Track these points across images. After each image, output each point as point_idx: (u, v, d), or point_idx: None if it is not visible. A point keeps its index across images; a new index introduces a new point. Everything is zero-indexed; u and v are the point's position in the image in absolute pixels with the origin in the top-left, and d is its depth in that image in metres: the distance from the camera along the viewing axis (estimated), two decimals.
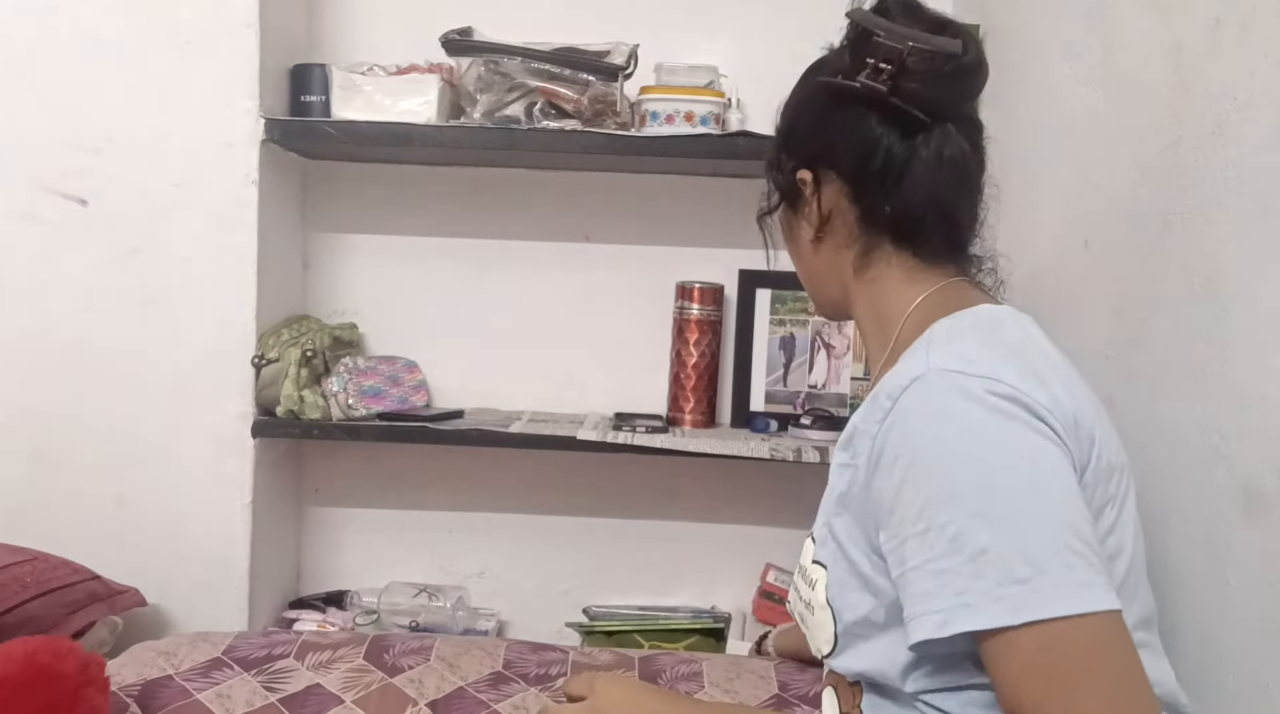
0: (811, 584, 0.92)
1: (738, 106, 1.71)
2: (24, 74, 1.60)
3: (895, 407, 0.81)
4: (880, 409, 0.82)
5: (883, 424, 0.82)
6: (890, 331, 0.95)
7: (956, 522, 0.75)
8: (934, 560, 0.76)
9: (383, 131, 1.61)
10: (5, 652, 1.08)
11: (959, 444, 0.77)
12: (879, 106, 0.93)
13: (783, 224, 1.06)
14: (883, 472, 0.81)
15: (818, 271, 1.03)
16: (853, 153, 0.95)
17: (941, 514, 0.76)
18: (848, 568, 0.87)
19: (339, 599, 1.82)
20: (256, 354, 1.63)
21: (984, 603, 0.73)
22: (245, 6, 1.58)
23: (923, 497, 0.77)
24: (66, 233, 1.61)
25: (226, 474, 1.63)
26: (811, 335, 1.82)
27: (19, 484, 1.63)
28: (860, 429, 0.86)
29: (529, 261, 1.84)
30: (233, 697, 1.25)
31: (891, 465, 0.80)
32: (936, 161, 0.93)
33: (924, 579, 0.76)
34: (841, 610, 0.88)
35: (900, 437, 0.80)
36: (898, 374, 0.83)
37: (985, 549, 0.73)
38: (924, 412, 0.80)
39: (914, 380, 0.81)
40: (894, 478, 0.80)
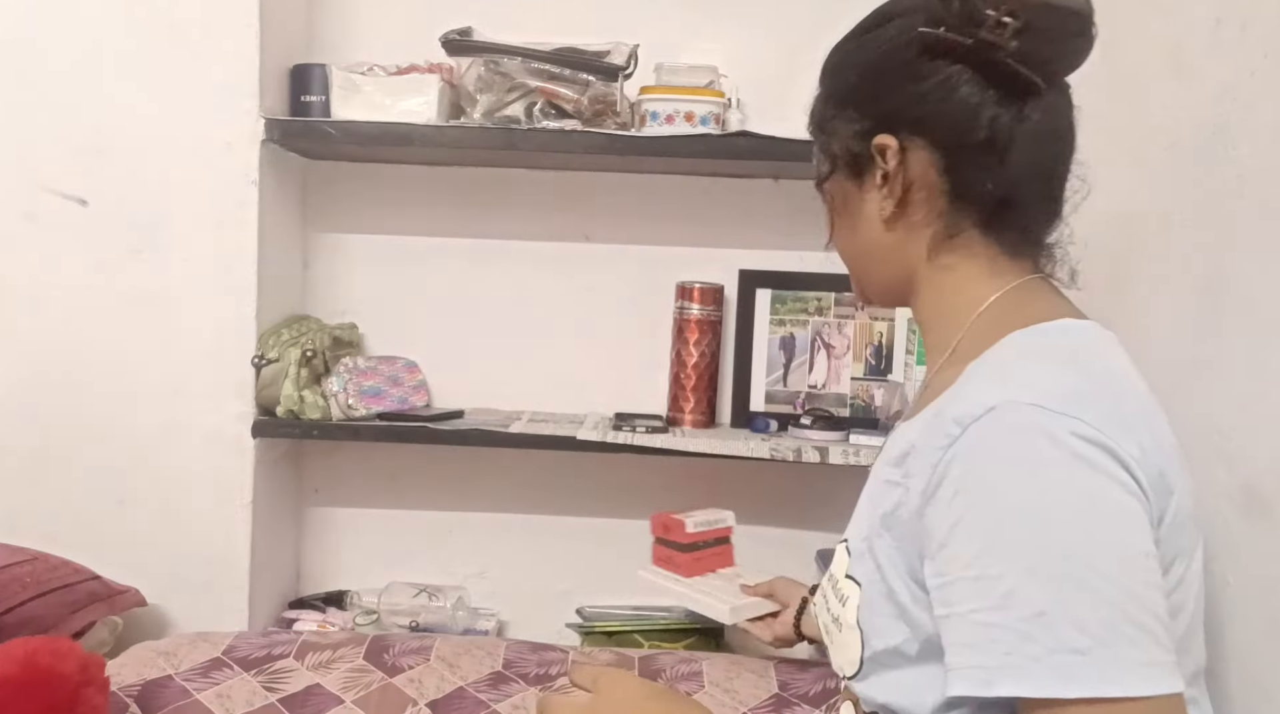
0: (842, 599, 0.86)
1: (738, 106, 1.71)
2: (24, 74, 1.60)
3: (964, 435, 0.73)
4: (946, 434, 0.74)
5: (946, 451, 0.73)
6: (955, 330, 0.87)
7: (1013, 576, 0.68)
8: (982, 612, 0.69)
9: (383, 131, 1.61)
10: (5, 652, 1.08)
11: (1029, 490, 0.69)
12: (990, 66, 0.81)
13: (833, 195, 0.93)
14: (939, 503, 0.74)
15: (880, 252, 0.90)
16: (952, 118, 0.83)
17: (997, 564, 0.69)
18: (884, 592, 0.80)
19: (339, 599, 1.82)
20: (256, 354, 1.63)
21: (1033, 668, 0.67)
22: (245, 6, 1.58)
23: (979, 541, 0.70)
24: (66, 233, 1.61)
25: (226, 474, 1.63)
26: (811, 335, 1.82)
27: (19, 484, 1.63)
28: (918, 448, 0.78)
29: (529, 261, 1.84)
30: (233, 697, 1.25)
31: (950, 499, 0.73)
32: (1045, 134, 0.83)
33: (969, 629, 0.70)
34: (871, 635, 0.82)
35: (964, 470, 0.72)
36: (969, 399, 0.74)
37: (1042, 612, 0.67)
38: (995, 448, 0.71)
39: (989, 410, 0.72)
40: (950, 513, 0.72)
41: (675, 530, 1.47)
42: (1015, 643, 0.67)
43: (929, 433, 0.77)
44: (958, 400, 0.76)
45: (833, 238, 0.96)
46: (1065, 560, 0.67)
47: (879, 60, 0.87)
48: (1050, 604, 0.67)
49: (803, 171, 1.77)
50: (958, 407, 0.75)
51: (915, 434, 0.81)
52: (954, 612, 0.72)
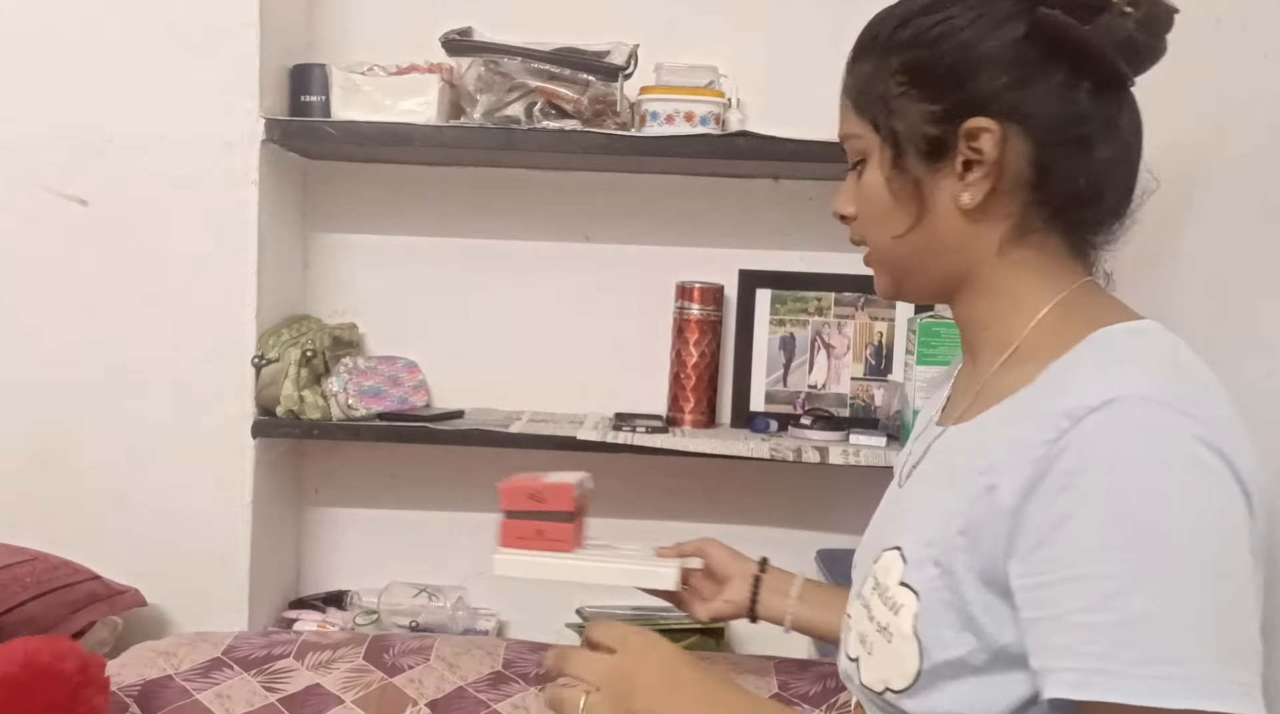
0: (894, 608, 0.79)
1: (738, 106, 1.71)
2: (24, 74, 1.60)
3: (1076, 428, 0.68)
4: (1053, 427, 0.69)
5: (1054, 445, 0.69)
6: (1017, 328, 0.82)
7: (1121, 578, 0.65)
8: (1082, 613, 0.66)
9: (383, 131, 1.61)
10: (5, 652, 1.08)
11: (1146, 491, 0.66)
12: (1097, 56, 0.77)
13: (885, 180, 0.85)
14: (1042, 497, 0.69)
15: (943, 243, 0.84)
16: (1051, 107, 0.78)
17: (1103, 564, 0.66)
18: (948, 601, 0.75)
19: (339, 599, 1.82)
20: (256, 354, 1.63)
21: (1129, 675, 0.64)
22: (245, 6, 1.58)
23: (1088, 539, 0.67)
24: (66, 233, 1.61)
25: (226, 474, 1.63)
26: (811, 335, 1.82)
27: (19, 484, 1.63)
28: (1009, 445, 0.73)
29: (529, 261, 1.84)
30: (232, 697, 1.25)
31: (1056, 494, 0.68)
32: (1131, 131, 0.81)
33: (1064, 631, 0.67)
34: (931, 646, 0.76)
35: (1077, 465, 0.68)
36: (1080, 392, 0.70)
37: (1146, 615, 0.64)
38: (1115, 443, 0.67)
39: (1107, 402, 0.68)
40: (1055, 509, 0.68)
41: (557, 497, 1.17)
42: (1111, 646, 0.65)
43: (1024, 428, 0.72)
44: (1065, 394, 0.70)
45: (871, 227, 0.88)
46: (1176, 568, 0.65)
47: (976, 38, 0.79)
48: (1155, 611, 0.64)
49: (803, 171, 1.79)
50: (1066, 400, 0.70)
51: (986, 435, 0.78)
52: (1049, 614, 0.68)
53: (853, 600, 0.90)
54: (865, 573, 0.87)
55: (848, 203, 0.90)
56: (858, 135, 0.87)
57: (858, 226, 0.90)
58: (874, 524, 0.96)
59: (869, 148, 0.86)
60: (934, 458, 0.86)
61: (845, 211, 0.91)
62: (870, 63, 0.85)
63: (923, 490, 0.85)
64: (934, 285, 0.88)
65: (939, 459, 0.85)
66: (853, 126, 0.87)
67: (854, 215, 0.89)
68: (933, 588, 0.76)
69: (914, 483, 0.88)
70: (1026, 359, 0.80)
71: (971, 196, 0.80)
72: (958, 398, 0.91)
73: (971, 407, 0.85)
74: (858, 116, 0.86)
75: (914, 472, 0.89)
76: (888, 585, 0.80)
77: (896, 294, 0.91)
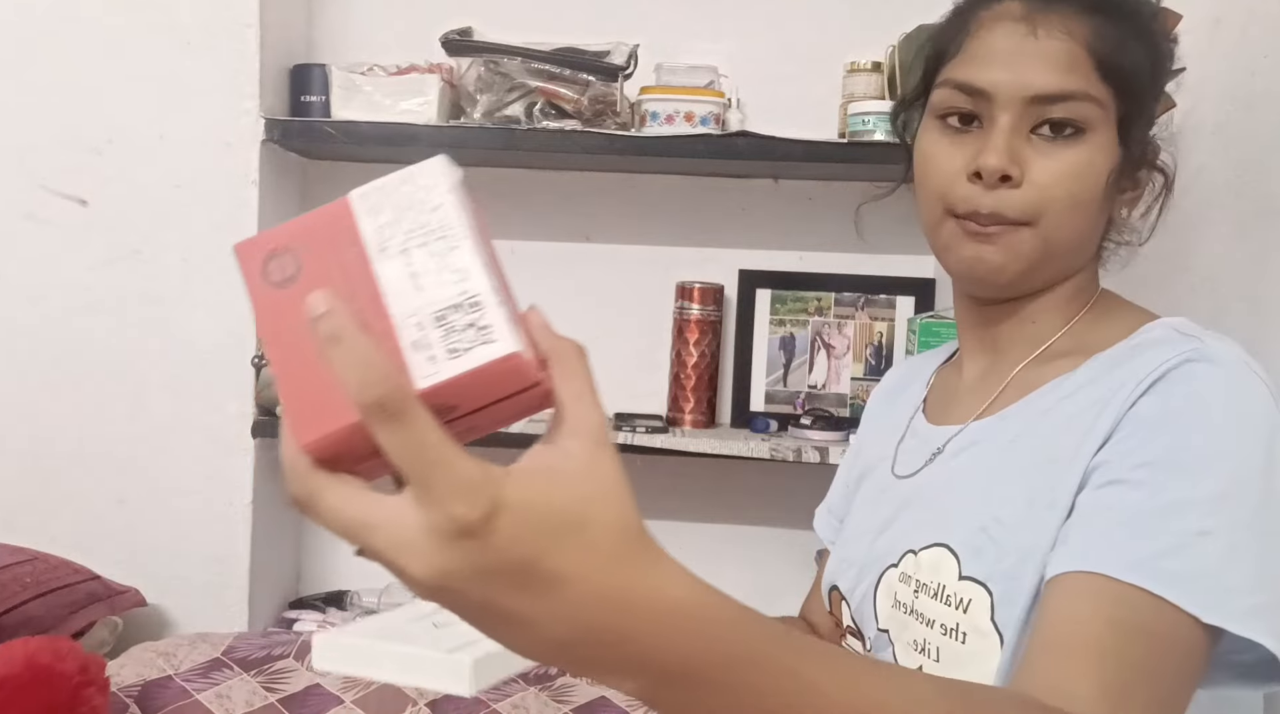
0: (961, 605, 0.73)
1: (738, 106, 1.71)
2: (24, 74, 1.60)
3: (1176, 371, 0.68)
4: (1137, 381, 0.69)
5: (1143, 385, 0.68)
6: (1055, 329, 0.82)
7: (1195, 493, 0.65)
8: (1145, 514, 0.65)
9: (383, 132, 1.61)
10: (6, 652, 1.08)
11: (1242, 424, 0.66)
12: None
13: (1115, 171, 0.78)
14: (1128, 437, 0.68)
15: (1087, 242, 0.81)
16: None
17: (1184, 480, 0.66)
18: (1031, 586, 0.70)
19: (339, 599, 1.82)
20: (256, 354, 1.63)
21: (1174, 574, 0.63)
22: (245, 6, 1.58)
23: (1175, 455, 0.66)
24: (66, 233, 1.61)
25: (226, 474, 1.63)
26: (811, 335, 1.82)
27: (19, 484, 1.63)
28: (1091, 402, 0.71)
29: (529, 261, 1.84)
30: (232, 697, 1.25)
31: (1152, 428, 0.67)
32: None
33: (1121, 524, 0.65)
34: (1015, 634, 0.70)
35: (1171, 401, 0.67)
36: (1160, 354, 0.70)
37: (1209, 534, 0.64)
38: (1218, 386, 0.68)
39: (1195, 350, 0.69)
40: (1146, 436, 0.67)
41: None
42: (1170, 549, 0.63)
43: (1099, 391, 0.71)
44: (1143, 359, 0.70)
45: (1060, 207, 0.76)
46: (1252, 505, 0.65)
47: (1163, 45, 0.80)
48: (1221, 535, 0.64)
49: (803, 171, 1.79)
50: (1150, 356, 0.70)
51: (1037, 416, 0.76)
52: (1110, 505, 0.66)
53: (880, 610, 0.83)
54: (884, 578, 0.82)
55: (1015, 163, 0.75)
56: (1094, 100, 0.74)
57: (1034, 197, 0.76)
58: (870, 527, 0.89)
59: (1097, 121, 0.75)
60: (961, 453, 0.82)
61: (1014, 173, 0.75)
62: (1144, 23, 0.76)
63: (960, 483, 0.80)
64: (1048, 281, 0.81)
65: (972, 452, 0.81)
66: (1088, 86, 0.74)
67: (1020, 180, 0.76)
68: (1006, 573, 0.71)
69: (937, 478, 0.83)
70: (1059, 356, 0.79)
71: (1129, 211, 0.80)
72: (962, 396, 0.87)
73: (996, 402, 0.82)
74: (1100, 79, 0.74)
75: (925, 470, 0.85)
76: (944, 584, 0.75)
77: (1017, 280, 0.79)
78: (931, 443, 0.86)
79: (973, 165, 0.76)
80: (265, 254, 0.45)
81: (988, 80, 0.75)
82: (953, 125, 0.78)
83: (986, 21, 0.76)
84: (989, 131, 0.75)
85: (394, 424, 0.39)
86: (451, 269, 0.45)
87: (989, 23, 0.76)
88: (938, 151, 0.79)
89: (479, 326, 0.44)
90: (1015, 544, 0.71)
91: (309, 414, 0.43)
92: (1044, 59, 0.73)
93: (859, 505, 0.95)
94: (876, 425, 0.99)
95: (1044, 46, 0.73)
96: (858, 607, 0.87)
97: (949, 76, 0.78)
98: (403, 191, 0.47)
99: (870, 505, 0.92)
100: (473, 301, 0.44)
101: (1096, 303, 0.82)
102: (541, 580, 0.41)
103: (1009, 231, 0.76)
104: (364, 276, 0.44)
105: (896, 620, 0.80)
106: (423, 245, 0.45)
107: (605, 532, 0.43)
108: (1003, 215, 0.75)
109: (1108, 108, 0.74)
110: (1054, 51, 0.73)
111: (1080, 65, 0.73)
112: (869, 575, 0.85)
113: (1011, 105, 0.75)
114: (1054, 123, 0.74)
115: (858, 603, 0.87)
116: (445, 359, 0.43)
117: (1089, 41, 0.73)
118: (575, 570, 0.41)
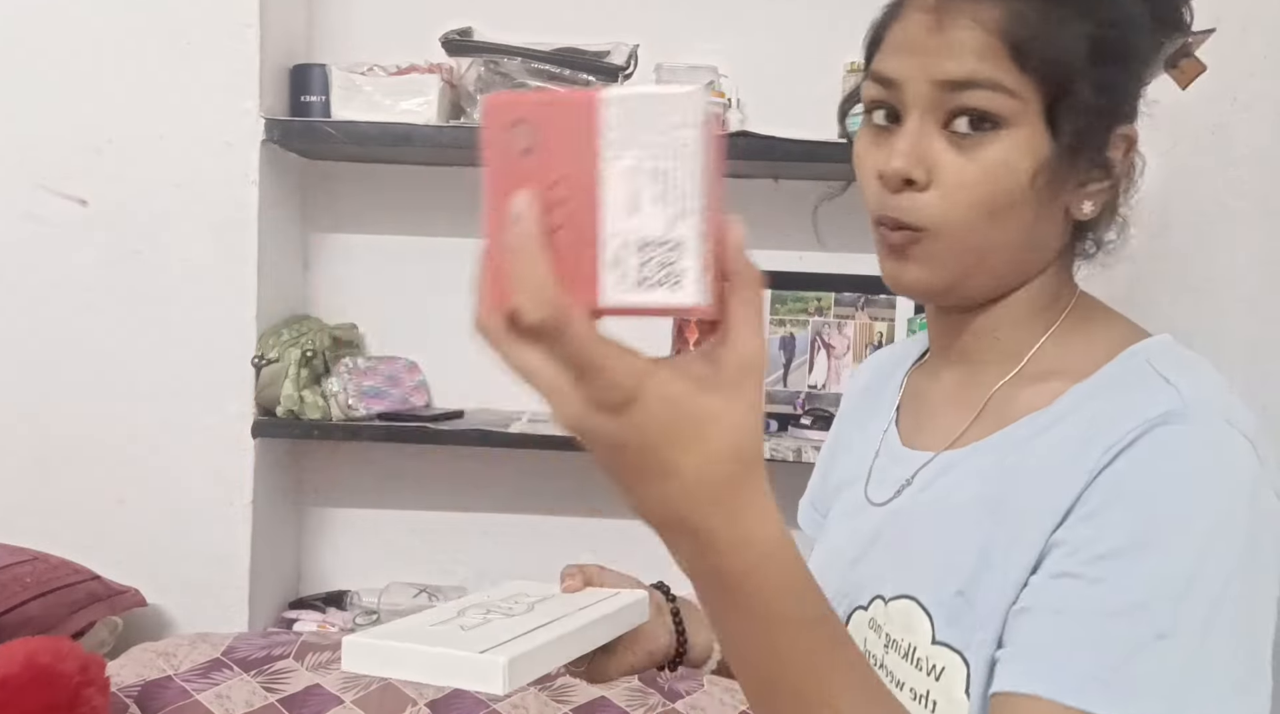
0: (933, 673, 0.68)
1: (738, 106, 1.71)
2: (24, 74, 1.60)
3: (1145, 438, 0.62)
4: (1103, 449, 0.63)
5: (1111, 451, 0.62)
6: (1030, 342, 0.75)
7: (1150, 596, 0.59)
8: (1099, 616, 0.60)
9: (383, 131, 1.61)
10: (6, 652, 1.08)
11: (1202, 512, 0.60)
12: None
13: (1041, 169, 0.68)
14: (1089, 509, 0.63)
15: (1031, 246, 0.72)
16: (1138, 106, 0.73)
17: (1137, 581, 0.59)
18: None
19: (339, 599, 1.82)
20: (256, 354, 1.63)
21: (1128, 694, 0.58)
22: (245, 6, 1.58)
23: (1130, 550, 0.60)
24: (66, 233, 1.61)
25: (226, 474, 1.63)
26: (811, 335, 1.82)
27: (19, 484, 1.63)
28: (1048, 468, 0.66)
29: None
30: (232, 697, 1.25)
31: (1108, 505, 0.62)
32: None
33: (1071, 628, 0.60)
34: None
35: (1131, 481, 0.62)
36: (1131, 411, 0.63)
37: (1166, 637, 0.58)
38: (1179, 456, 0.62)
39: (1169, 413, 0.62)
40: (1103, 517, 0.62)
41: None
42: (1122, 660, 0.58)
43: (1061, 454, 0.65)
44: (1113, 417, 0.64)
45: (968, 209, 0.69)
46: (1209, 605, 0.59)
47: (1144, 19, 0.71)
48: (1176, 638, 0.58)
49: (803, 171, 1.79)
50: (1120, 421, 0.63)
51: (1007, 459, 0.70)
52: (1065, 606, 0.61)
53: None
54: (853, 619, 0.78)
55: (919, 165, 0.69)
56: (1007, 91, 0.67)
57: (940, 201, 0.69)
58: (844, 555, 0.83)
59: (1016, 114, 0.67)
60: (930, 486, 0.76)
61: (917, 175, 0.69)
62: (1057, 9, 0.67)
63: (926, 527, 0.74)
64: (990, 291, 0.74)
65: (940, 487, 0.75)
66: (1000, 75, 0.67)
67: (926, 183, 0.69)
68: (982, 641, 0.66)
69: (906, 514, 0.77)
70: (1040, 377, 0.73)
71: (1093, 207, 0.71)
72: (936, 414, 0.81)
73: (972, 429, 0.75)
74: (1017, 68, 0.66)
75: (895, 501, 0.79)
76: (916, 645, 0.70)
77: (943, 293, 0.74)
78: (903, 467, 0.80)
79: (879, 167, 0.71)
80: (513, 119, 0.49)
81: (894, 68, 0.70)
82: (878, 123, 0.73)
83: (903, 13, 0.72)
84: (900, 130, 0.70)
85: (553, 338, 0.47)
86: (670, 202, 0.47)
87: (904, 13, 0.72)
88: (862, 151, 0.74)
89: (674, 268, 0.48)
90: (990, 610, 0.66)
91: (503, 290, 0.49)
92: (950, 46, 0.67)
93: (834, 521, 0.90)
94: (851, 428, 0.94)
95: (950, 35, 0.67)
96: None
97: (870, 69, 0.74)
98: (654, 109, 0.47)
99: (844, 527, 0.86)
100: (678, 242, 0.47)
101: (1072, 312, 0.75)
102: (656, 466, 0.49)
103: (920, 242, 0.70)
104: (590, 178, 0.47)
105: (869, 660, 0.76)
106: (654, 168, 0.47)
107: (722, 448, 0.49)
108: (906, 222, 0.70)
109: (1027, 99, 0.66)
110: (961, 40, 0.67)
111: (991, 53, 0.66)
112: (839, 611, 0.79)
113: (919, 96, 0.69)
114: (968, 116, 0.68)
115: None
116: (633, 286, 0.48)
117: (1002, 27, 0.66)
118: (687, 469, 0.49)
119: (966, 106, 0.67)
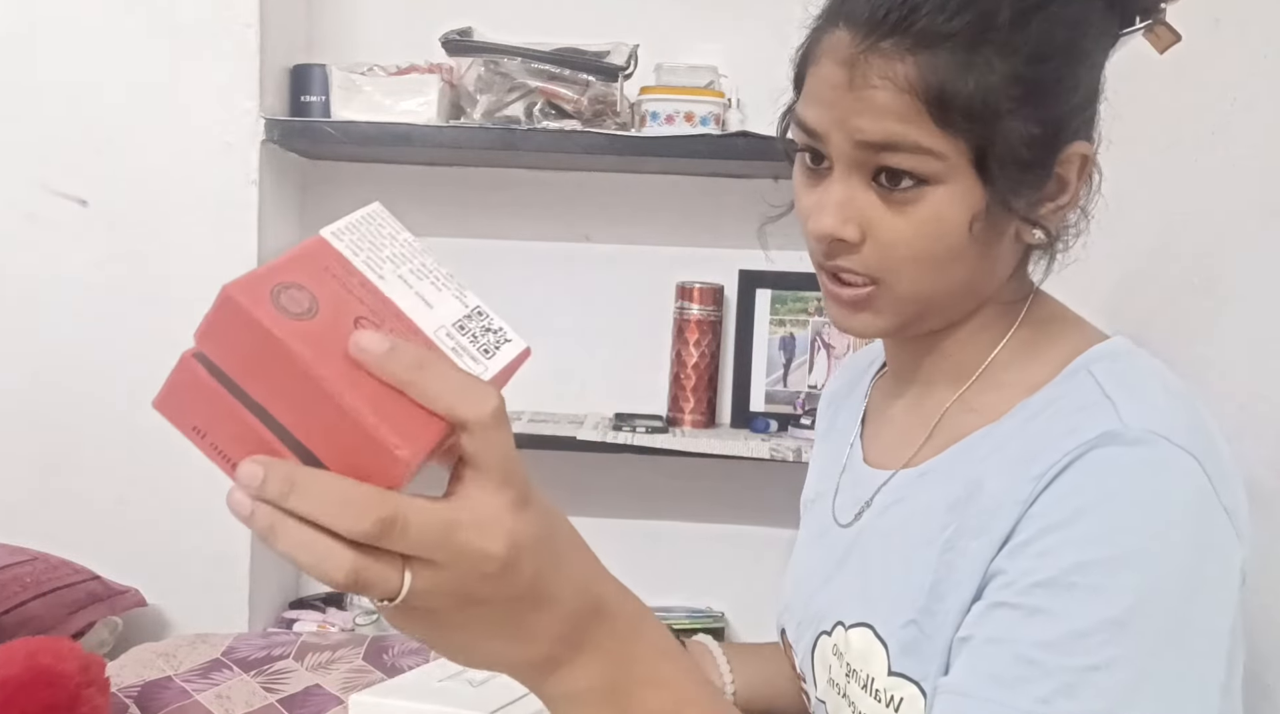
0: (891, 704, 0.67)
1: (738, 106, 1.71)
2: (24, 74, 1.60)
3: (1081, 461, 0.61)
4: (1037, 476, 0.62)
5: (1046, 477, 0.61)
6: (981, 357, 0.73)
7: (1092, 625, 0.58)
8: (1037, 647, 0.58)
9: (383, 131, 1.61)
10: (6, 652, 1.08)
11: (1144, 537, 0.59)
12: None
13: (977, 218, 0.67)
14: (1029, 535, 0.61)
15: (981, 279, 0.71)
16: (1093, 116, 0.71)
17: (1079, 611, 0.58)
18: None
19: (339, 599, 1.82)
20: None
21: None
22: (245, 6, 1.58)
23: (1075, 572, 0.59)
24: (66, 233, 1.61)
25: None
26: (811, 335, 1.82)
27: (19, 484, 1.63)
28: (989, 496, 0.65)
29: (529, 261, 1.84)
30: (232, 697, 1.25)
31: (1047, 530, 0.61)
32: None
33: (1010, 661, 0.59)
34: None
35: (1075, 503, 0.60)
36: (1069, 433, 0.62)
37: (1101, 668, 0.57)
38: (1122, 479, 0.60)
39: (1109, 434, 0.60)
40: (1036, 548, 0.61)
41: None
42: (1054, 694, 0.57)
43: (1000, 481, 0.64)
44: (1051, 437, 0.63)
45: (909, 265, 0.68)
46: (1148, 633, 0.58)
47: (1079, 39, 0.66)
48: (1119, 662, 0.57)
49: None
50: (1057, 443, 0.62)
51: (952, 486, 0.68)
52: (1002, 636, 0.60)
53: (819, 678, 0.78)
54: (817, 644, 0.77)
55: (849, 223, 0.68)
56: (929, 153, 0.64)
57: (878, 258, 0.68)
58: (812, 576, 0.82)
59: (943, 173, 0.65)
60: (887, 511, 0.75)
61: (848, 235, 0.68)
62: (976, 56, 0.62)
63: (882, 553, 0.73)
64: (943, 322, 0.73)
65: (895, 511, 0.74)
66: (919, 136, 0.64)
67: (860, 239, 0.68)
68: (940, 669, 0.65)
69: (865, 537, 0.76)
70: (989, 389, 0.72)
71: (1043, 232, 0.69)
72: (894, 431, 0.81)
73: (925, 447, 0.75)
74: (939, 129, 0.63)
75: (856, 523, 0.78)
76: (874, 677, 0.69)
77: (895, 333, 0.74)
78: (863, 488, 0.80)
79: (812, 226, 0.69)
80: (270, 290, 0.45)
81: (814, 119, 0.68)
82: (808, 164, 0.71)
83: (820, 55, 0.69)
84: (829, 181, 0.69)
85: (500, 425, 0.48)
86: (444, 285, 0.52)
87: (821, 57, 0.69)
88: (799, 188, 0.73)
89: (494, 329, 0.52)
90: (944, 641, 0.65)
91: (402, 430, 0.45)
92: (865, 106, 0.64)
93: (804, 539, 0.91)
94: (825, 436, 0.95)
95: (864, 95, 0.64)
96: (801, 662, 0.83)
97: (796, 110, 0.72)
98: (368, 227, 0.52)
99: (813, 547, 0.87)
100: (477, 310, 0.52)
101: (1025, 321, 0.73)
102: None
103: (867, 292, 0.70)
104: (380, 301, 0.47)
105: (832, 699, 0.75)
106: (412, 271, 0.51)
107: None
108: (852, 271, 0.69)
109: (951, 155, 0.64)
110: (875, 100, 0.64)
111: (908, 113, 0.63)
112: (806, 635, 0.81)
113: (842, 153, 0.67)
114: (890, 172, 0.66)
115: (800, 658, 0.83)
116: (484, 359, 0.50)
117: (917, 85, 0.62)
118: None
119: (888, 167, 0.65)
